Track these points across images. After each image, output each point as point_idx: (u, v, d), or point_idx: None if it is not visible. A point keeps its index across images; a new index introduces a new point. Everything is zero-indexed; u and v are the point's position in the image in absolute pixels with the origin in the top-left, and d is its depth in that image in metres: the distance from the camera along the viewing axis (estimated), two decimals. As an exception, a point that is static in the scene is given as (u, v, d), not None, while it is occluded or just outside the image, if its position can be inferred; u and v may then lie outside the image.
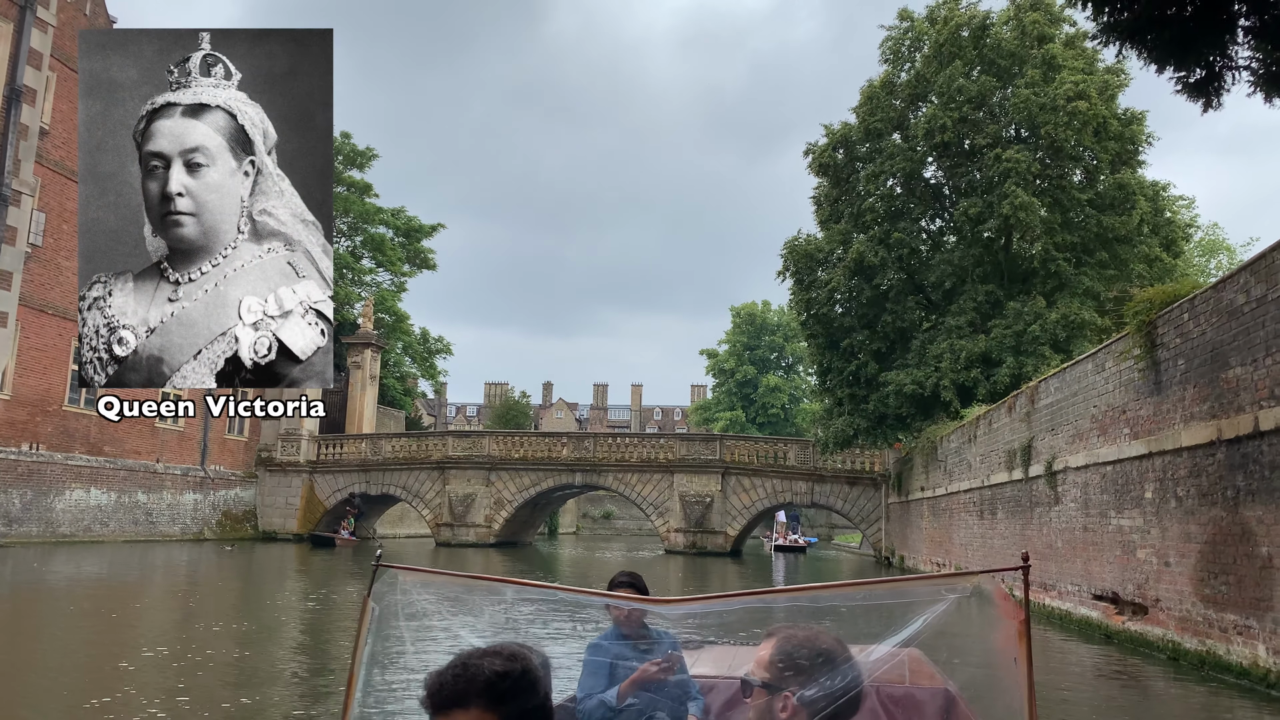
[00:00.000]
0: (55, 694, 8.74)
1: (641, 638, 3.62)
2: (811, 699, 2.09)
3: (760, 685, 2.16)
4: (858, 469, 38.44)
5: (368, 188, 55.93)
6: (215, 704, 8.34)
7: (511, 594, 2.59)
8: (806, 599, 2.44)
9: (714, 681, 3.53)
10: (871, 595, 2.42)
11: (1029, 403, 16.40)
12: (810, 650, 2.15)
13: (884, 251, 29.00)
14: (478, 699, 1.73)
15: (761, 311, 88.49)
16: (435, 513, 41.61)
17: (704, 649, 4.09)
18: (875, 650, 2.34)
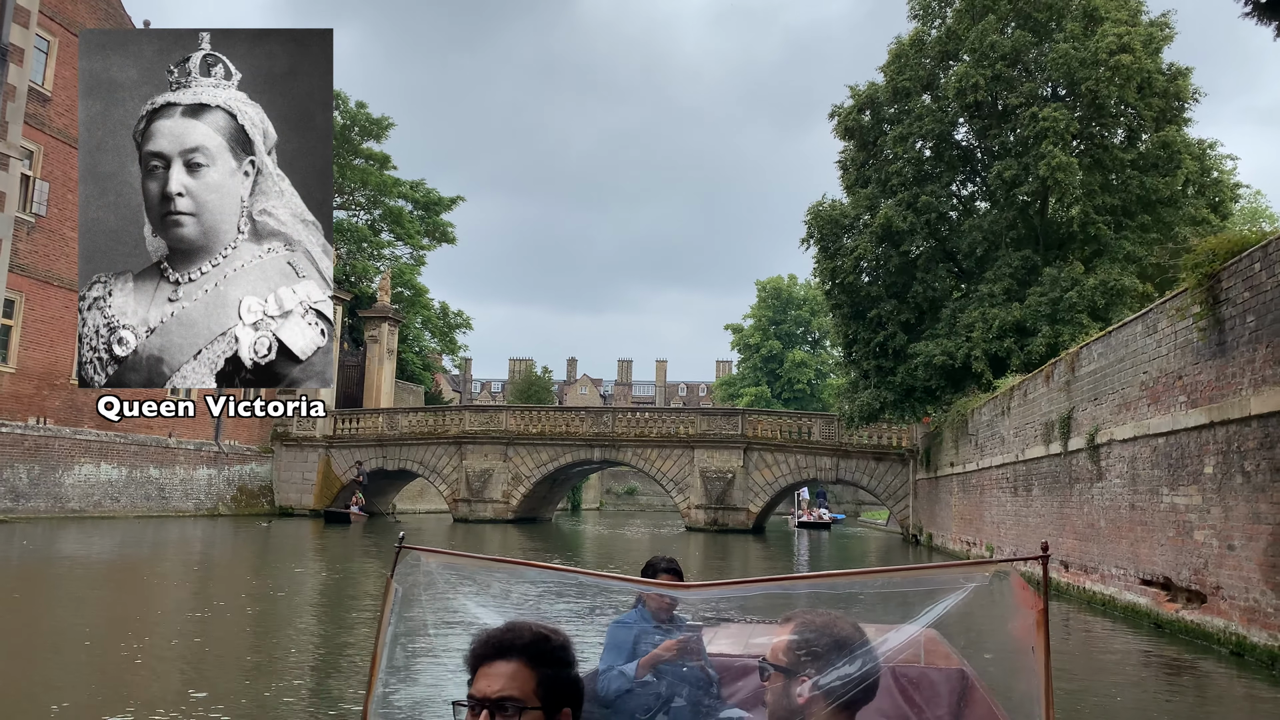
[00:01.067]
0: (77, 671, 8.60)
1: (665, 621, 3.67)
2: (828, 684, 2.10)
3: (777, 670, 2.17)
4: (884, 444, 37.24)
5: (385, 159, 55.00)
6: (235, 684, 8.30)
7: (533, 576, 2.59)
8: (826, 585, 2.43)
9: (730, 660, 3.53)
10: (891, 582, 2.42)
11: (1069, 371, 15.18)
12: (827, 636, 2.15)
13: (912, 216, 27.67)
14: (520, 653, 1.85)
15: (788, 285, 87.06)
16: (452, 488, 40.90)
17: (720, 626, 4.05)
18: (893, 636, 2.29)
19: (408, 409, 43.73)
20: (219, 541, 27.49)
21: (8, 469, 28.26)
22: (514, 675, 1.86)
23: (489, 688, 1.86)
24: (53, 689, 7.84)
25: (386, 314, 46.93)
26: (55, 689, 7.84)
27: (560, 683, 1.89)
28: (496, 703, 1.84)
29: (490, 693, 1.85)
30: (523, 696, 1.84)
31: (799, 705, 2.13)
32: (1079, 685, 9.10)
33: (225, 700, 7.59)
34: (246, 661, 9.65)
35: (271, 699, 7.78)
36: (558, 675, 1.89)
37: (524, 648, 1.88)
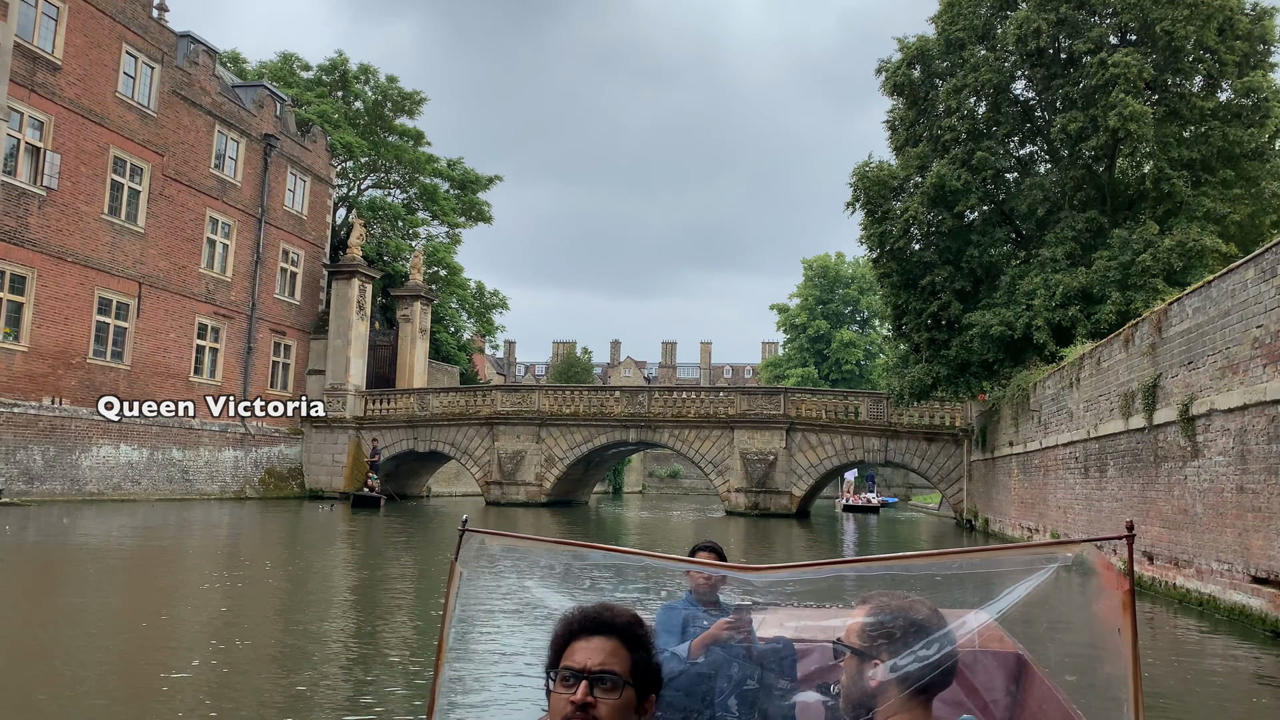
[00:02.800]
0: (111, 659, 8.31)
1: (713, 604, 3.73)
2: (903, 668, 2.06)
3: (851, 651, 2.15)
4: (936, 423, 35.11)
5: (419, 135, 53.63)
6: (294, 670, 8.16)
7: (596, 559, 2.58)
8: (899, 567, 2.36)
9: (774, 644, 3.37)
10: (967, 564, 2.34)
11: (1154, 332, 13.13)
12: (903, 618, 2.11)
13: (967, 175, 25.51)
14: (618, 633, 1.90)
15: (835, 264, 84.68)
16: (484, 470, 39.58)
17: (768, 610, 3.89)
18: (971, 619, 2.24)
19: (438, 389, 42.44)
20: (265, 526, 26.35)
21: (21, 450, 27.40)
22: (613, 651, 1.87)
23: (589, 660, 1.85)
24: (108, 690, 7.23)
25: (419, 292, 45.64)
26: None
27: (650, 668, 1.91)
28: (597, 675, 1.83)
29: (591, 665, 1.84)
30: (622, 673, 1.85)
31: (871, 688, 2.08)
32: (1173, 706, 7.35)
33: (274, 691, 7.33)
34: (326, 650, 9.33)
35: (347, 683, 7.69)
36: (648, 661, 1.91)
37: (621, 628, 1.91)
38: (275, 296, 40.05)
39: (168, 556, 17.99)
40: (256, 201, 38.41)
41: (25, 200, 27.66)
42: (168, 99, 33.26)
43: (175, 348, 34.14)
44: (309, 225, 42.48)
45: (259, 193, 38.52)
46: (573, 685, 1.84)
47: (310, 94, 48.78)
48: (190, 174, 34.50)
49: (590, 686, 1.83)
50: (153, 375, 32.98)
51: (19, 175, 27.47)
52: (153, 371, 32.99)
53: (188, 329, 34.77)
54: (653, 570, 3.60)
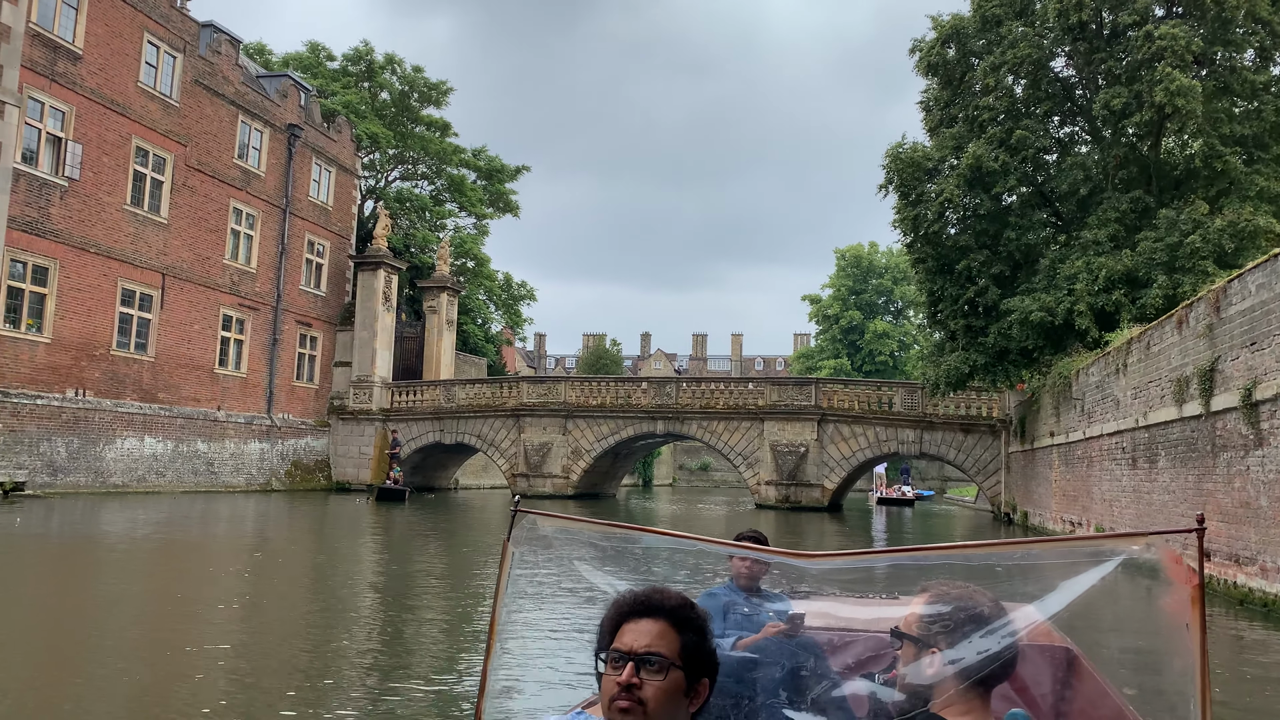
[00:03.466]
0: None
1: (754, 591, 3.79)
2: (962, 659, 2.03)
3: (908, 639, 2.13)
4: (973, 414, 34.11)
5: (446, 126, 53.23)
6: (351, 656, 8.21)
7: (649, 542, 2.56)
8: (960, 557, 2.35)
9: (818, 635, 3.39)
10: (1029, 555, 2.33)
11: (1211, 312, 12.25)
12: (963, 609, 2.08)
13: (1005, 155, 24.58)
14: (667, 615, 1.88)
15: (868, 254, 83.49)
16: (511, 462, 39.11)
17: (810, 599, 3.71)
18: (1032, 612, 2.19)
19: (465, 380, 42.04)
20: (292, 519, 26.05)
21: (44, 442, 27.26)
22: (661, 634, 1.86)
23: (635, 642, 1.85)
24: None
25: (445, 283, 45.25)
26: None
27: (702, 652, 1.89)
28: (643, 657, 1.83)
29: (637, 647, 1.85)
30: (669, 655, 1.84)
31: (928, 676, 2.07)
32: (1234, 709, 6.64)
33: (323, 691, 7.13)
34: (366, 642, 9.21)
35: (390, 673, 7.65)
36: (700, 644, 1.89)
37: (671, 610, 1.89)
38: (301, 288, 39.80)
39: (199, 549, 17.64)
40: (281, 192, 38.14)
41: (47, 191, 27.48)
42: (190, 88, 33.00)
43: (200, 339, 33.93)
44: (334, 216, 42.19)
45: (283, 183, 38.25)
46: (620, 666, 1.84)
47: (336, 84, 48.52)
48: (213, 164, 34.26)
49: (636, 668, 1.82)
50: (177, 367, 32.79)
51: (40, 166, 27.27)
52: (177, 363, 32.80)
53: (212, 321, 34.56)
54: (698, 556, 3.66)
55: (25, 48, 26.41)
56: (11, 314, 26.62)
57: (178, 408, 32.64)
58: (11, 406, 26.19)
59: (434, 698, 6.82)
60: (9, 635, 8.79)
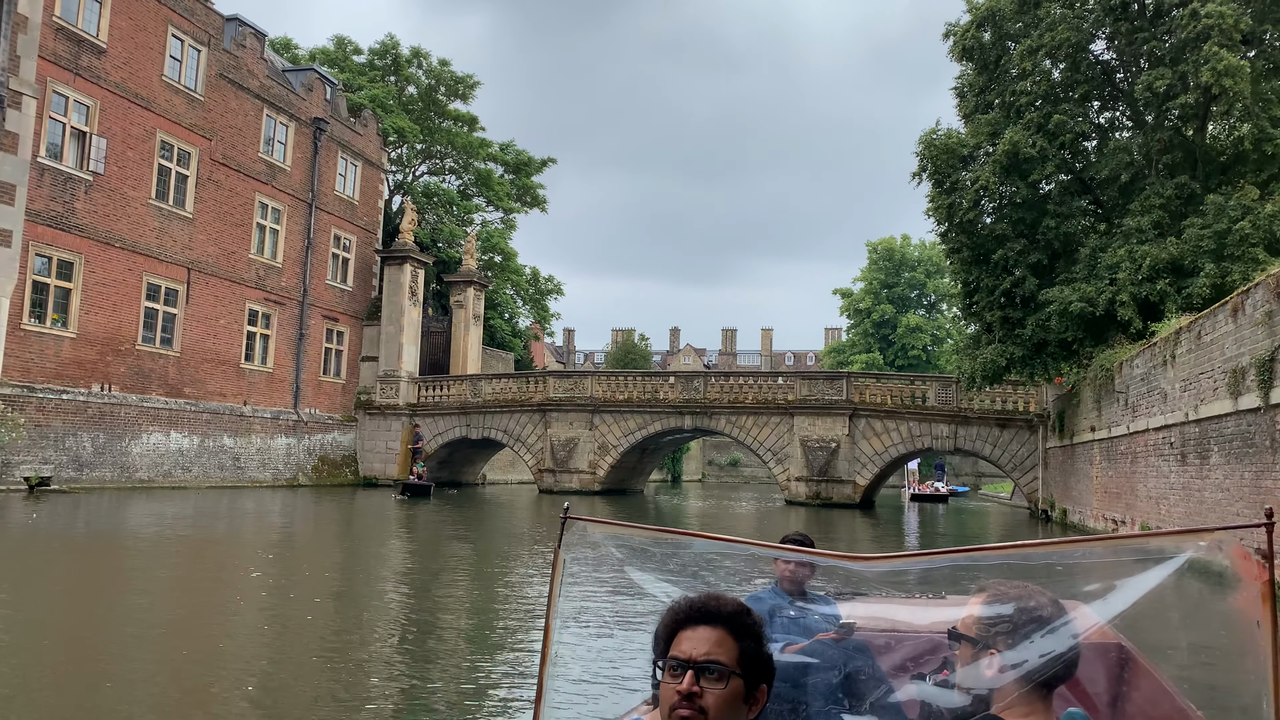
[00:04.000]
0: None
1: (799, 595, 3.79)
2: (1024, 660, 2.00)
3: (966, 640, 2.10)
4: (1009, 409, 33.25)
5: (473, 120, 52.96)
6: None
7: (700, 547, 2.54)
8: (1019, 556, 2.22)
9: (864, 636, 3.32)
10: (1091, 553, 2.26)
11: (1272, 298, 11.50)
12: (1023, 609, 2.05)
13: (1043, 141, 23.76)
14: (724, 622, 1.87)
15: (901, 246, 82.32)
16: (537, 458, 38.74)
17: (855, 601, 3.65)
18: (1094, 611, 2.15)
19: (491, 375, 41.74)
20: (320, 514, 25.84)
21: (70, 437, 27.22)
22: (719, 641, 1.85)
23: (694, 650, 1.84)
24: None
25: (472, 278, 44.95)
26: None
27: (760, 658, 1.88)
28: (702, 665, 1.82)
29: (696, 655, 1.83)
30: (729, 663, 1.83)
31: (987, 678, 2.04)
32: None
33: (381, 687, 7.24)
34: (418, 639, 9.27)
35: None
36: (758, 650, 1.88)
37: (728, 617, 1.88)
38: (327, 282, 39.66)
39: (224, 545, 17.38)
40: (307, 186, 37.99)
41: (71, 185, 27.41)
42: (215, 82, 32.88)
43: (225, 334, 33.84)
44: (361, 210, 42.01)
45: (309, 177, 38.09)
46: (679, 675, 1.82)
47: (363, 79, 48.36)
48: (239, 158, 34.13)
49: (696, 676, 1.81)
50: (203, 362, 32.71)
51: (65, 160, 27.20)
52: (203, 358, 32.72)
53: (238, 315, 34.46)
54: (746, 560, 3.73)
55: (49, 41, 26.35)
56: (37, 309, 26.57)
57: (204, 403, 32.57)
58: (37, 401, 26.15)
59: (488, 704, 6.85)
60: (31, 634, 8.59)
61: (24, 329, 25.95)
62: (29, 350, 26.14)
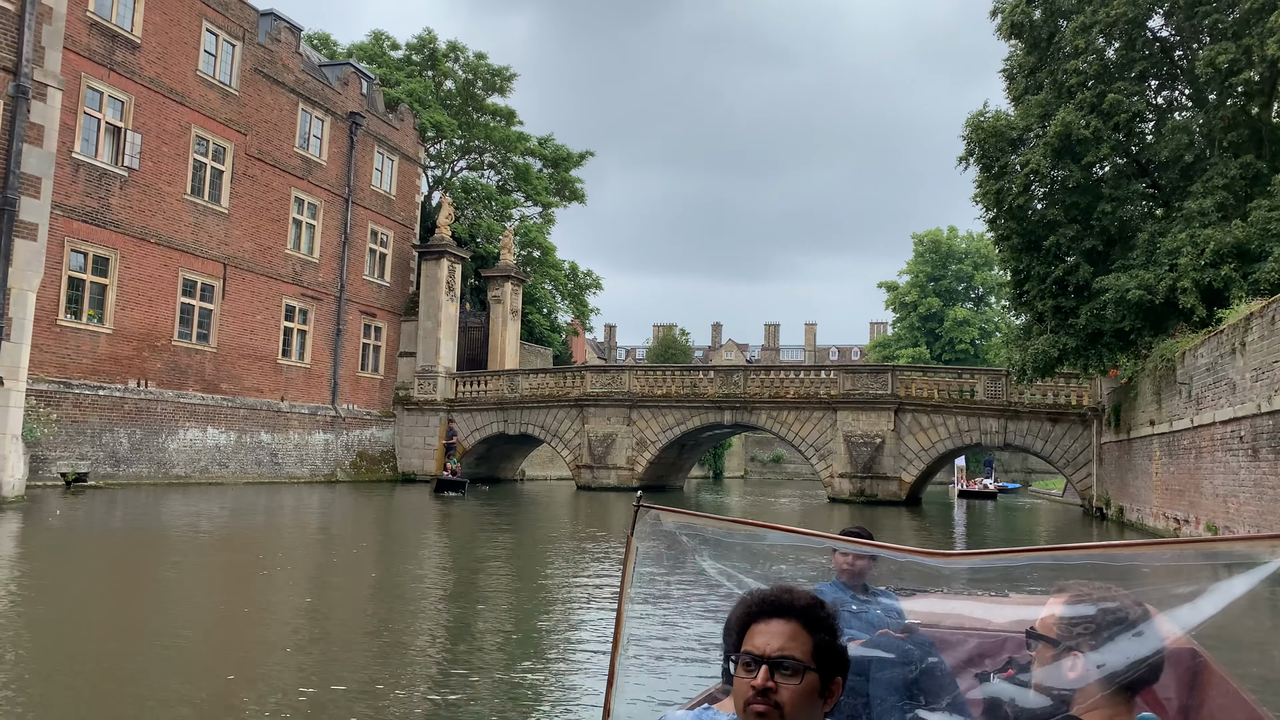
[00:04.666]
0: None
1: (860, 589, 3.79)
2: (1107, 662, 1.97)
3: (1046, 641, 2.08)
4: (1061, 402, 32.06)
5: (511, 114, 52.64)
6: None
7: (773, 539, 2.55)
8: (1103, 556, 2.22)
9: (931, 633, 3.32)
10: (1181, 555, 2.19)
11: (1356, 277, 10.55)
12: (1108, 610, 2.02)
13: (1097, 121, 22.64)
14: (797, 615, 1.85)
15: (947, 238, 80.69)
16: (575, 454, 38.24)
17: (916, 597, 3.73)
18: (1185, 613, 2.02)
19: (528, 370, 41.31)
20: (359, 510, 25.59)
21: (107, 433, 27.21)
22: (793, 635, 1.83)
23: (768, 645, 1.83)
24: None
25: (509, 273, 44.59)
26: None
27: (834, 651, 1.86)
28: (776, 660, 1.80)
29: (770, 650, 1.82)
30: (803, 657, 1.81)
31: (1069, 680, 2.02)
32: None
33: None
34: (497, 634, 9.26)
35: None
36: (832, 643, 1.86)
37: (801, 610, 1.86)
38: (364, 278, 39.49)
39: (262, 541, 17.05)
40: (343, 181, 37.82)
41: (106, 181, 27.39)
42: (249, 77, 32.76)
43: (262, 330, 33.75)
44: (398, 205, 41.81)
45: (345, 172, 37.92)
46: (753, 670, 1.81)
47: (400, 73, 48.20)
48: (274, 153, 34.01)
49: (771, 671, 1.79)
50: (240, 358, 32.64)
51: (100, 156, 27.20)
52: (240, 354, 32.65)
53: (275, 311, 34.36)
54: (809, 551, 3.65)
55: (83, 36, 26.32)
56: (73, 305, 26.58)
57: (240, 398, 32.50)
58: (74, 397, 26.15)
59: (557, 692, 6.92)
60: (67, 633, 8.44)
61: (60, 325, 25.97)
62: (65, 346, 26.15)
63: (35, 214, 17.62)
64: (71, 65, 26.01)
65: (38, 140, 17.69)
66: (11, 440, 17.59)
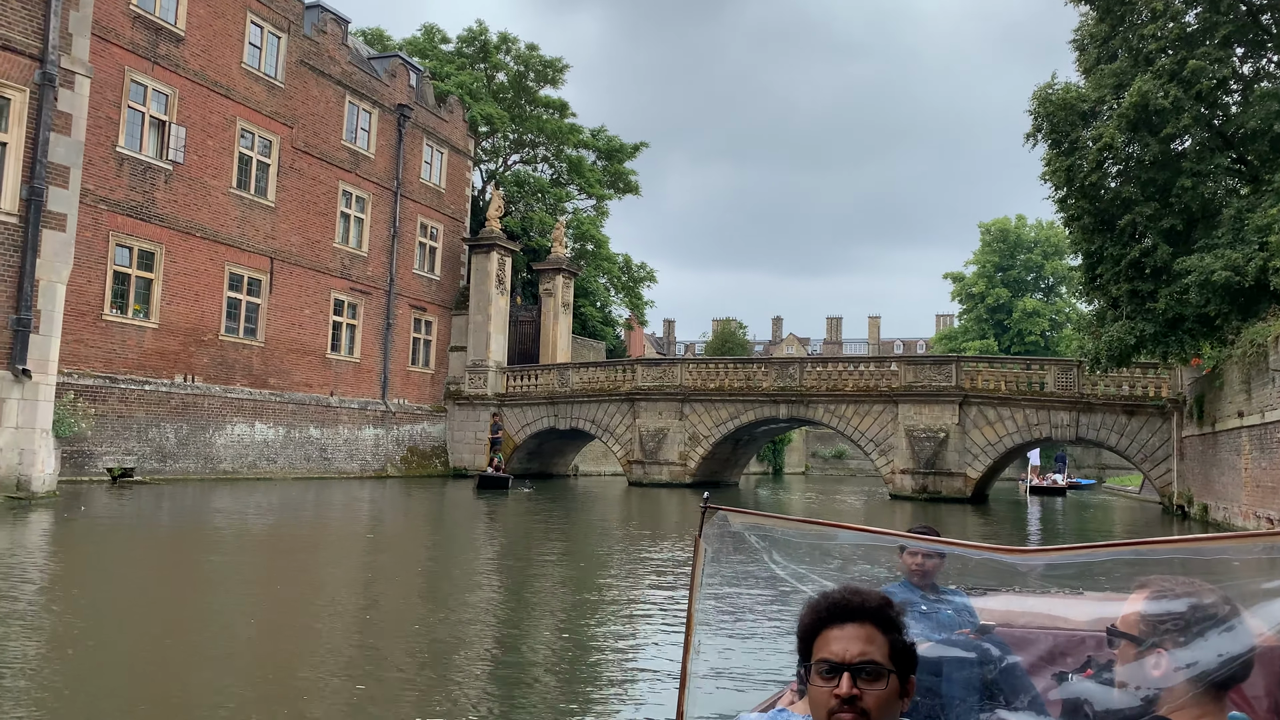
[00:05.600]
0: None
1: (929, 588, 3.74)
2: (1196, 660, 1.89)
3: (1129, 639, 2.01)
4: (1138, 393, 30.24)
5: (564, 106, 52.01)
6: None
7: (844, 538, 2.56)
8: (1189, 550, 2.24)
9: (1003, 632, 3.27)
10: (1275, 549, 2.08)
11: None
12: (1196, 606, 1.92)
13: (1176, 90, 21.00)
14: (871, 617, 1.82)
15: (1016, 227, 78.10)
16: (626, 449, 37.41)
17: (987, 596, 3.65)
18: (1271, 611, 2.01)
19: (578, 364, 40.57)
20: (387, 502, 25.14)
21: (153, 428, 27.11)
22: (870, 638, 1.80)
23: (847, 651, 1.78)
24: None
25: (560, 265, 43.90)
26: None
27: (908, 650, 1.85)
28: (858, 667, 1.77)
29: (850, 656, 1.78)
30: (883, 660, 1.79)
31: (1154, 678, 1.93)
32: None
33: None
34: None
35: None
36: (904, 643, 1.84)
37: (874, 612, 1.83)
38: (414, 272, 39.14)
39: (312, 537, 16.54)
40: (391, 174, 37.47)
41: (151, 175, 27.28)
42: (295, 69, 32.51)
43: (310, 324, 33.52)
44: (448, 198, 41.39)
45: (394, 165, 37.56)
46: (833, 678, 1.77)
47: (450, 65, 47.84)
48: (321, 146, 33.74)
49: (853, 678, 1.76)
50: (288, 352, 32.43)
51: (144, 149, 27.09)
52: (288, 349, 32.44)
53: (323, 305, 34.12)
54: (879, 550, 3.54)
55: (126, 30, 26.22)
56: (118, 299, 26.51)
57: (289, 393, 32.29)
58: (120, 392, 26.07)
59: (629, 694, 6.88)
60: (113, 632, 8.35)
61: (105, 319, 25.90)
62: (111, 341, 26.08)
63: (64, 204, 17.28)
64: (115, 59, 25.93)
65: (65, 129, 17.36)
66: (41, 435, 17.30)
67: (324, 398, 33.90)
